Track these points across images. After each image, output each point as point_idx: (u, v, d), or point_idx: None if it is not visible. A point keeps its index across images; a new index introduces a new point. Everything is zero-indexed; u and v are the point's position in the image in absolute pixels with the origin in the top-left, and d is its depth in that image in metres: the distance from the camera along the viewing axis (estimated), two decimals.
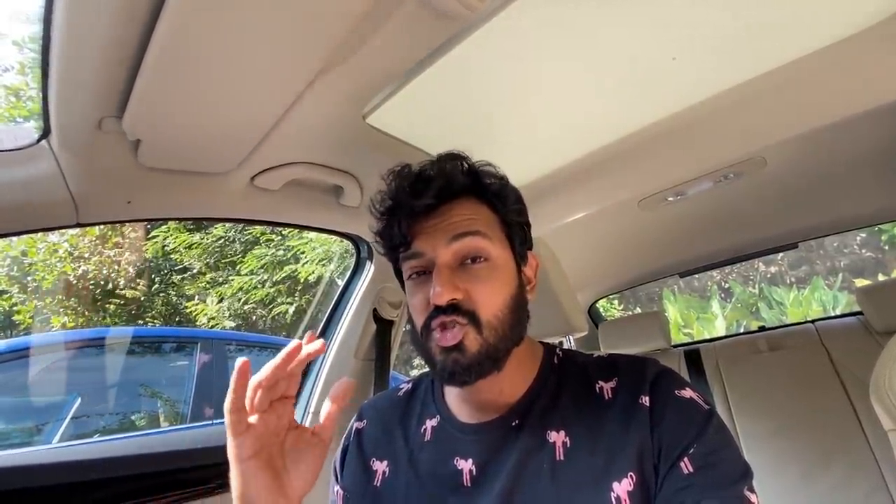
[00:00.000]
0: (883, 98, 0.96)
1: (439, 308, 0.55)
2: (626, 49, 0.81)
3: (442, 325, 0.55)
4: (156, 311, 5.86)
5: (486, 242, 0.57)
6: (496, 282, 0.57)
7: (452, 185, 0.59)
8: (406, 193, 0.59)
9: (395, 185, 0.60)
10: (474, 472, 0.57)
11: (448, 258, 0.57)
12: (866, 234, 7.38)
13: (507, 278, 0.59)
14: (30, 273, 5.12)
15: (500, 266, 0.58)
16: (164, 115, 0.67)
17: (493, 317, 0.56)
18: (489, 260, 0.57)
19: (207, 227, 5.83)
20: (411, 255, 0.59)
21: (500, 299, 0.57)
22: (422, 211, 0.59)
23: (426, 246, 0.58)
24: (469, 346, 0.54)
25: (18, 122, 4.71)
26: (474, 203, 0.61)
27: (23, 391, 2.31)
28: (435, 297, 0.54)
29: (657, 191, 1.31)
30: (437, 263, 0.57)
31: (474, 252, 0.57)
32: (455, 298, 0.54)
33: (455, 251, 0.57)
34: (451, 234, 0.57)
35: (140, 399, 3.00)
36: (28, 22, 3.87)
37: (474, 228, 0.57)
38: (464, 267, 0.57)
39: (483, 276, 0.57)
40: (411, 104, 0.85)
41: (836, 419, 1.43)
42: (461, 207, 0.59)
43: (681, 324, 6.47)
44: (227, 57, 0.59)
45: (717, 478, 0.49)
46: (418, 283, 0.59)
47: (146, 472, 0.93)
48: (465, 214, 0.59)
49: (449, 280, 0.55)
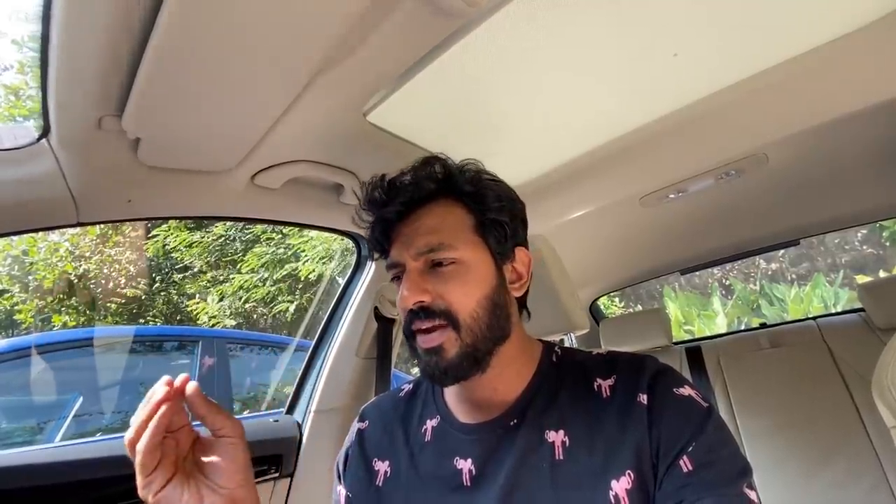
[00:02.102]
0: (884, 94, 0.96)
1: (412, 311, 0.57)
2: (627, 45, 0.81)
3: (420, 329, 0.57)
4: (157, 309, 5.87)
5: (450, 250, 0.58)
6: (467, 283, 0.58)
7: (421, 192, 0.61)
8: (377, 203, 0.62)
9: (367, 196, 0.63)
10: (474, 471, 0.57)
11: (418, 264, 0.59)
12: (867, 230, 7.37)
13: (481, 278, 0.59)
14: (31, 272, 5.13)
15: (471, 267, 0.59)
16: (164, 113, 0.67)
17: (469, 317, 0.56)
18: (457, 262, 0.58)
19: (208, 225, 5.83)
20: (391, 264, 0.62)
21: (474, 299, 0.57)
22: (395, 218, 0.61)
23: (398, 255, 0.60)
24: (447, 349, 0.56)
25: (18, 122, 4.71)
26: (447, 205, 0.62)
27: (24, 390, 2.31)
28: (401, 300, 0.57)
29: (659, 188, 1.31)
30: (406, 269, 0.59)
31: (440, 258, 0.58)
32: (422, 301, 0.56)
33: (423, 259, 0.59)
34: (416, 248, 0.59)
35: (141, 398, 3.00)
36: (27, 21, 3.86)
37: (437, 241, 0.58)
38: (433, 271, 0.58)
39: (452, 277, 0.58)
40: (412, 102, 0.85)
41: (837, 416, 1.43)
42: (431, 214, 0.61)
43: (682, 321, 6.48)
44: (226, 54, 0.58)
45: (716, 475, 0.49)
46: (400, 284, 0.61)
47: None
48: (431, 223, 0.60)
49: (415, 283, 0.57)
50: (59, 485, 0.83)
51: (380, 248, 0.63)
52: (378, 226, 0.62)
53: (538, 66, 0.83)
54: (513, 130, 1.02)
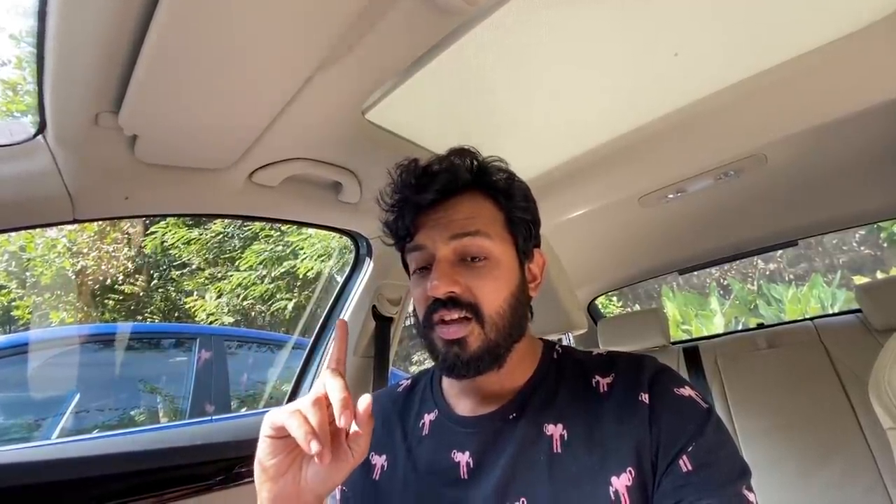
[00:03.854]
0: (884, 95, 0.96)
1: (438, 301, 0.55)
2: (627, 45, 0.80)
3: (442, 320, 0.56)
4: (154, 306, 5.86)
5: (486, 241, 0.58)
6: (497, 279, 0.58)
7: (457, 181, 0.60)
8: (411, 187, 0.60)
9: (401, 178, 0.61)
10: (471, 464, 0.57)
11: (448, 253, 0.57)
12: (865, 231, 7.39)
13: (509, 276, 0.59)
14: (28, 268, 5.11)
15: (501, 264, 0.59)
16: (162, 110, 0.66)
17: (495, 313, 0.56)
18: (489, 258, 0.58)
19: (206, 222, 5.81)
20: (414, 248, 0.60)
21: (502, 296, 0.57)
22: (426, 204, 0.59)
23: (427, 240, 0.58)
24: (471, 343, 0.55)
25: (16, 117, 4.69)
26: (479, 198, 0.61)
27: (22, 387, 2.30)
28: (431, 289, 0.55)
29: (658, 188, 1.31)
30: (436, 257, 0.57)
31: (474, 251, 0.57)
32: (453, 291, 0.55)
33: (454, 249, 0.57)
34: (451, 231, 0.57)
35: (139, 395, 3.00)
36: (25, 16, 3.84)
37: (474, 228, 0.58)
38: (464, 263, 0.58)
39: (483, 273, 0.57)
40: (411, 100, 0.84)
41: (834, 416, 1.44)
42: (464, 204, 0.60)
43: (679, 321, 6.48)
44: (224, 51, 0.58)
45: (715, 476, 0.49)
46: (421, 276, 0.60)
47: (145, 469, 0.93)
48: (466, 212, 0.59)
49: (447, 273, 0.56)
50: (55, 482, 0.83)
51: (404, 233, 0.61)
52: (409, 210, 0.60)
53: (537, 65, 0.82)
54: (512, 130, 1.02)
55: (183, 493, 0.98)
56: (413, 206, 0.60)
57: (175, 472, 0.98)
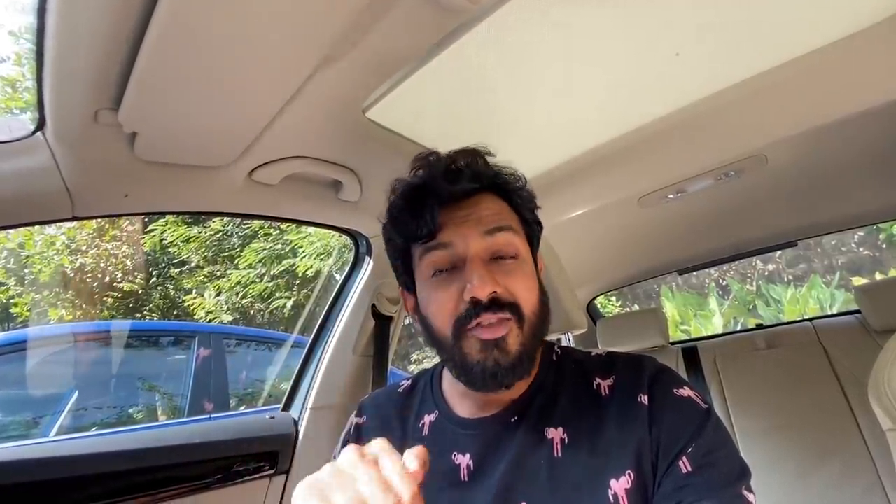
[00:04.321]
0: (884, 96, 0.96)
1: (478, 304, 0.52)
2: (629, 44, 0.80)
3: (482, 323, 0.52)
4: (153, 304, 5.85)
5: (516, 238, 0.57)
6: (528, 278, 0.56)
7: (482, 177, 0.58)
8: (441, 178, 0.56)
9: (426, 169, 0.58)
10: (472, 467, 0.57)
11: (480, 251, 0.55)
12: (864, 232, 7.39)
13: (533, 274, 0.59)
14: (27, 265, 5.10)
15: (527, 262, 0.58)
16: (161, 107, 0.66)
17: (532, 313, 0.55)
18: (519, 256, 0.56)
19: (205, 220, 5.81)
20: (436, 246, 0.55)
21: (535, 294, 0.56)
22: (454, 199, 0.56)
23: (456, 236, 0.55)
24: (511, 343, 0.53)
25: (15, 114, 4.68)
26: (497, 198, 0.60)
27: (20, 384, 2.30)
28: (474, 290, 0.51)
29: (658, 188, 1.31)
30: (469, 255, 0.54)
31: (506, 248, 0.56)
32: (495, 291, 0.52)
33: (488, 245, 0.55)
34: (485, 227, 0.55)
35: (138, 393, 3.00)
36: (24, 12, 3.84)
37: (506, 224, 0.56)
38: (495, 262, 0.55)
39: (516, 272, 0.55)
40: (412, 99, 0.84)
41: (832, 417, 1.44)
42: (487, 201, 0.58)
43: (678, 321, 6.49)
44: (225, 48, 0.58)
45: (715, 477, 0.49)
46: (444, 277, 0.55)
47: (143, 468, 0.93)
48: (494, 209, 0.58)
49: (486, 273, 0.53)
50: (54, 480, 0.83)
51: (425, 230, 0.55)
52: (434, 204, 0.55)
53: (538, 64, 0.82)
54: (512, 129, 1.02)
55: (181, 491, 0.98)
56: (439, 200, 0.55)
57: (173, 470, 0.98)
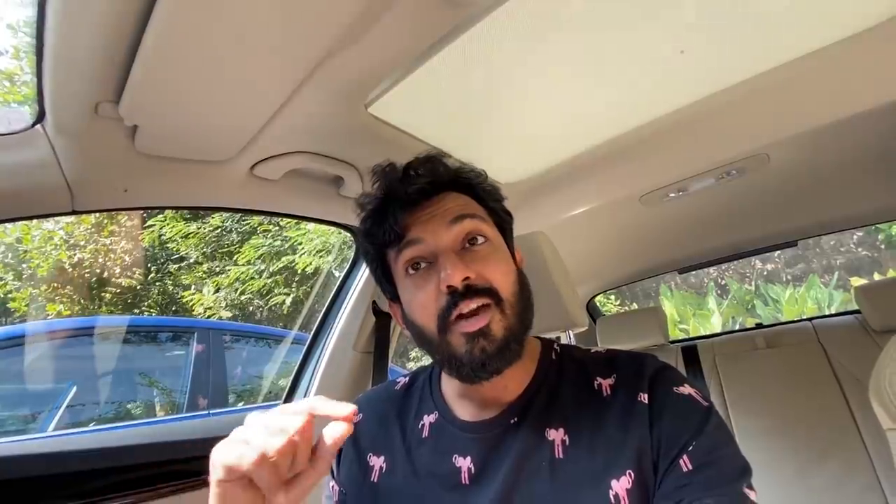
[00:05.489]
0: (886, 97, 0.96)
1: (455, 293, 0.53)
2: (632, 43, 0.80)
3: (461, 314, 0.53)
4: (152, 300, 5.84)
5: (483, 224, 0.58)
6: (501, 261, 0.58)
7: (440, 177, 0.60)
8: (398, 183, 0.59)
9: (385, 178, 0.60)
10: (473, 470, 0.56)
11: (449, 242, 0.56)
12: (863, 232, 7.42)
13: (509, 259, 0.60)
14: (25, 260, 5.09)
15: (499, 247, 0.59)
16: (163, 100, 0.65)
17: (511, 294, 0.56)
18: (488, 240, 0.58)
19: (205, 216, 5.79)
20: (407, 244, 0.57)
21: (511, 278, 0.57)
22: (416, 200, 0.59)
23: (424, 232, 0.57)
24: (495, 330, 0.53)
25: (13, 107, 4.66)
26: (461, 194, 0.62)
27: (18, 379, 2.30)
28: (449, 278, 0.53)
29: (660, 186, 1.31)
30: (439, 248, 0.56)
31: (474, 232, 0.57)
32: (468, 277, 0.53)
33: (456, 234, 0.57)
34: (449, 217, 0.57)
35: (136, 388, 3.00)
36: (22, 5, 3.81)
37: (470, 211, 0.58)
38: (466, 250, 0.57)
39: (489, 255, 0.57)
40: (414, 95, 0.84)
41: (831, 417, 1.44)
42: (451, 197, 0.60)
43: (677, 320, 6.51)
44: (227, 42, 0.57)
45: (716, 475, 0.48)
46: (420, 276, 0.57)
47: (138, 463, 0.93)
48: (458, 202, 0.60)
49: (457, 260, 0.54)
50: (49, 475, 0.82)
51: (393, 234, 0.58)
52: (397, 207, 0.58)
53: (541, 61, 0.82)
54: (515, 126, 1.01)
55: (178, 487, 0.97)
56: (401, 203, 0.58)
57: (169, 466, 0.98)
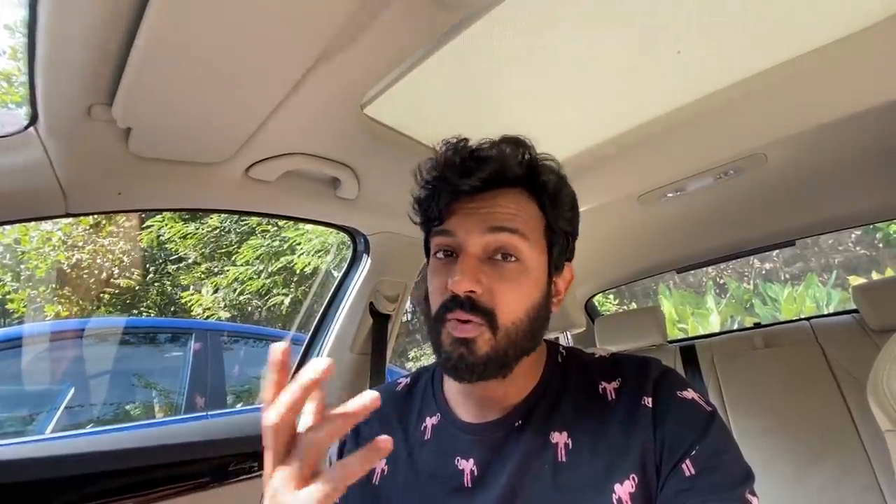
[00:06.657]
0: (885, 96, 0.95)
1: (456, 299, 0.52)
2: (629, 42, 0.80)
3: (455, 318, 0.52)
4: (150, 301, 5.84)
5: (522, 243, 0.54)
6: (522, 286, 0.54)
7: (505, 173, 0.56)
8: (454, 168, 0.55)
9: (446, 156, 0.57)
10: (475, 472, 0.56)
11: (478, 248, 0.54)
12: (861, 231, 7.43)
13: (535, 285, 0.56)
14: (23, 261, 5.08)
15: (530, 269, 0.55)
16: (156, 102, 0.65)
17: (511, 322, 0.53)
18: (520, 261, 0.54)
19: (203, 216, 5.79)
20: (442, 232, 0.56)
21: (523, 305, 0.54)
22: (466, 191, 0.56)
23: (459, 228, 0.55)
24: (479, 346, 0.52)
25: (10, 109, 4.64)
26: (523, 197, 0.57)
27: (17, 381, 2.29)
28: (454, 284, 0.51)
29: (658, 186, 1.30)
30: (465, 249, 0.54)
31: (507, 248, 0.54)
32: (474, 291, 0.52)
33: (487, 243, 0.54)
34: (489, 223, 0.54)
35: (134, 389, 2.99)
36: (20, 6, 3.80)
37: (513, 226, 0.54)
38: (492, 262, 0.54)
39: (510, 276, 0.54)
40: (411, 95, 0.83)
41: (829, 417, 1.44)
42: (507, 198, 0.56)
43: (675, 319, 6.52)
44: (221, 43, 0.57)
45: (719, 480, 0.48)
46: (443, 263, 0.56)
47: (137, 467, 0.92)
48: (508, 207, 0.55)
49: (472, 269, 0.52)
50: (49, 479, 0.82)
51: (435, 216, 0.57)
52: (445, 193, 0.55)
53: (537, 62, 0.81)
54: (511, 126, 1.00)
55: (177, 490, 0.97)
56: (451, 190, 0.55)
57: (168, 469, 0.97)
